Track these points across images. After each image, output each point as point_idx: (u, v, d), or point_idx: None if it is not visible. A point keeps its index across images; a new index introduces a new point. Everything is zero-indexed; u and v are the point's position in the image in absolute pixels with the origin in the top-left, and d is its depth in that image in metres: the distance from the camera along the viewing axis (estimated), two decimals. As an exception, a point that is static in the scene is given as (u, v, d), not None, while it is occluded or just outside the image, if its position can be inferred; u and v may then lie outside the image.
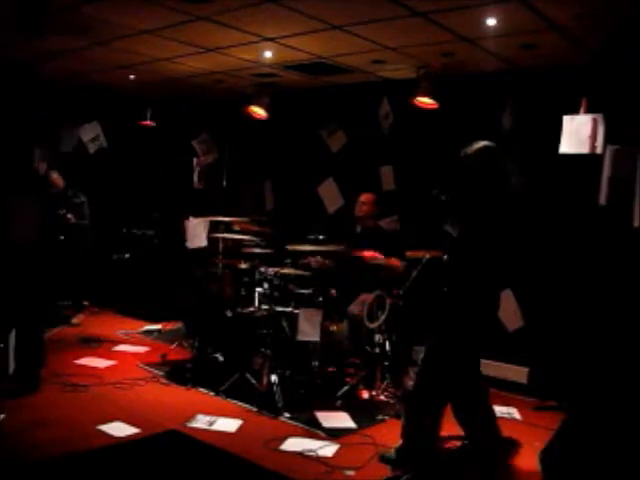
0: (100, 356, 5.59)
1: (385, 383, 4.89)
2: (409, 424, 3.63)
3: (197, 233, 5.46)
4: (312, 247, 5.26)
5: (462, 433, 3.79)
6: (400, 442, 3.65)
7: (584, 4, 3.76)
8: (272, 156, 7.28)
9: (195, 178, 7.88)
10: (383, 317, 4.78)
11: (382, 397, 4.80)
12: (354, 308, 5.00)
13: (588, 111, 4.60)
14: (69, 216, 6.62)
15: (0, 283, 4.54)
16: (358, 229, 5.55)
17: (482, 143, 3.56)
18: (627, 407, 2.77)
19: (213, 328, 5.35)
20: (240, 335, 5.03)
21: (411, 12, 4.17)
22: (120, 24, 4.85)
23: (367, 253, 5.10)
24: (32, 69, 6.43)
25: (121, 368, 5.30)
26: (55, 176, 6.72)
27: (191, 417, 4.22)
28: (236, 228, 5.97)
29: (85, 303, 7.21)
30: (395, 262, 4.99)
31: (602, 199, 4.69)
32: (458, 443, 3.92)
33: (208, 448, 3.76)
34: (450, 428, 3.80)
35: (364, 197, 5.54)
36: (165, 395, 4.72)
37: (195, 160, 7.88)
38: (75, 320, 6.85)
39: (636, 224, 4.55)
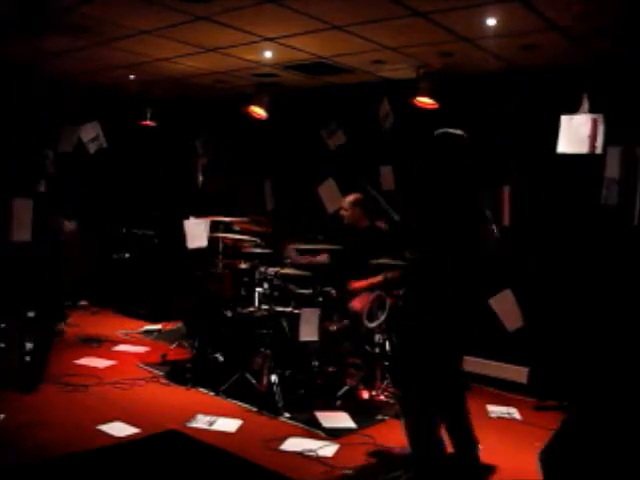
0: (100, 356, 5.59)
1: (385, 383, 4.89)
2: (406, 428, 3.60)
3: (197, 233, 5.45)
4: (312, 246, 5.25)
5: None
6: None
7: (584, 4, 3.76)
8: (272, 156, 7.28)
9: (200, 178, 7.90)
10: (383, 317, 4.78)
11: (382, 397, 4.80)
12: (355, 304, 4.99)
13: (588, 110, 4.59)
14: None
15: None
16: (352, 230, 5.50)
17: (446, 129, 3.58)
18: (627, 407, 2.77)
19: (213, 328, 5.35)
20: (240, 335, 5.03)
21: (411, 12, 4.17)
22: (120, 24, 4.84)
23: (357, 301, 5.00)
24: (32, 69, 6.44)
25: (121, 368, 5.30)
26: None
27: (191, 417, 4.22)
28: (236, 228, 5.97)
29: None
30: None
31: (603, 199, 4.70)
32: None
33: (208, 448, 3.76)
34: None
35: (344, 201, 5.45)
36: (165, 395, 4.73)
37: (199, 160, 7.89)
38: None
39: (636, 223, 4.55)
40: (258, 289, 5.14)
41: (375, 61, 5.54)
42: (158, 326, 6.89)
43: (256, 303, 5.15)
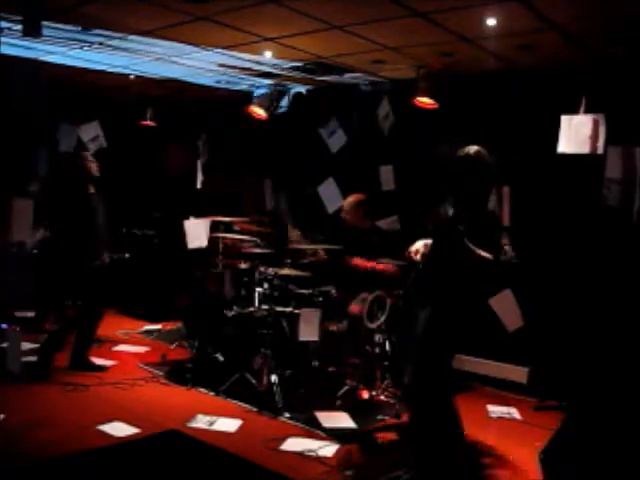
0: (100, 356, 5.58)
1: (385, 383, 4.89)
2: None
3: (197, 233, 5.45)
4: (312, 246, 5.24)
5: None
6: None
7: (584, 4, 3.76)
8: (272, 156, 7.28)
9: (200, 178, 7.90)
10: (383, 317, 4.78)
11: (382, 397, 4.80)
12: (354, 307, 4.99)
13: (588, 111, 4.59)
14: None
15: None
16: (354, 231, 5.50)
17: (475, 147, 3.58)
18: (627, 407, 2.77)
19: (213, 328, 5.34)
20: (240, 335, 5.03)
21: (411, 12, 4.17)
22: (120, 24, 4.84)
23: (357, 261, 5.03)
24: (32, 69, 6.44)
25: (121, 368, 5.31)
26: None
27: (191, 417, 4.22)
28: (236, 228, 5.96)
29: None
30: (387, 267, 4.97)
31: (604, 199, 4.70)
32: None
33: (208, 448, 3.76)
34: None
35: (345, 203, 5.45)
36: (165, 395, 4.73)
37: (199, 160, 7.89)
38: None
39: (636, 223, 4.56)
40: (258, 289, 5.14)
41: (375, 61, 5.54)
42: (158, 326, 6.89)
43: (256, 303, 5.15)
